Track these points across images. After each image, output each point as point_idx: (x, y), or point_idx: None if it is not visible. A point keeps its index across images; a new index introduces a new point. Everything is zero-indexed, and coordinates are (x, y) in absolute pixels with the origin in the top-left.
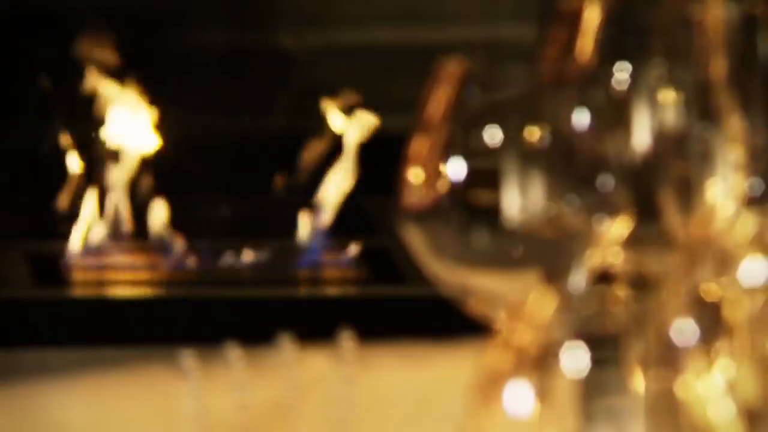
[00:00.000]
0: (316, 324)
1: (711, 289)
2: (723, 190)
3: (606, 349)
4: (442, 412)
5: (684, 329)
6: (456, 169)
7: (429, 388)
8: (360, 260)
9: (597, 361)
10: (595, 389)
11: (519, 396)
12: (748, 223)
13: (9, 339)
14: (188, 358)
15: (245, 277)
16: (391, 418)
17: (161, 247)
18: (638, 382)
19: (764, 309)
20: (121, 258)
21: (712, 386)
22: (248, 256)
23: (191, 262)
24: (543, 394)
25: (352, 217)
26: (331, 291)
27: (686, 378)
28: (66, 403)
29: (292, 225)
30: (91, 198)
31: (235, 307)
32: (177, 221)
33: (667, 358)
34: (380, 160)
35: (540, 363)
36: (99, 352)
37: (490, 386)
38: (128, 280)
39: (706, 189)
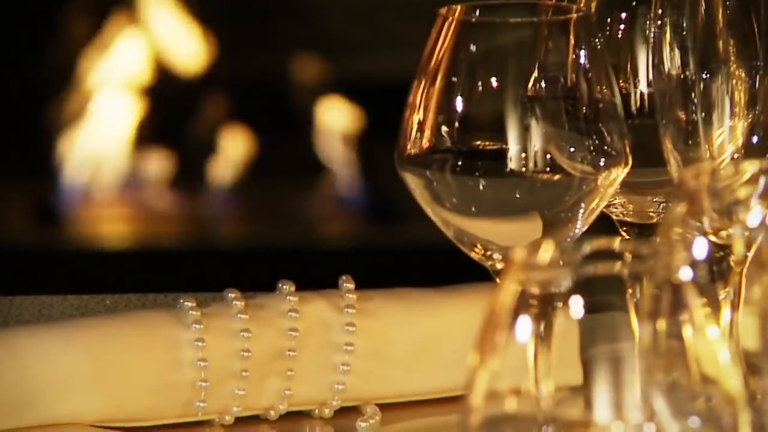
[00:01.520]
0: (317, 271)
1: (712, 235)
2: (724, 137)
3: (606, 295)
4: (443, 358)
5: (685, 275)
6: (456, 115)
7: (430, 334)
8: (362, 206)
9: (598, 307)
10: (596, 335)
11: (520, 342)
12: (748, 170)
13: (9, 286)
14: (188, 305)
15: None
16: (393, 365)
17: (163, 193)
18: (639, 328)
19: (764, 255)
20: (122, 204)
21: (713, 333)
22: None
23: (193, 207)
24: (544, 340)
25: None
26: (334, 237)
27: (687, 324)
28: (67, 350)
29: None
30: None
31: (236, 253)
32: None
33: (668, 305)
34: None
35: (541, 309)
36: (99, 300)
37: (491, 332)
38: (129, 227)
39: (708, 135)
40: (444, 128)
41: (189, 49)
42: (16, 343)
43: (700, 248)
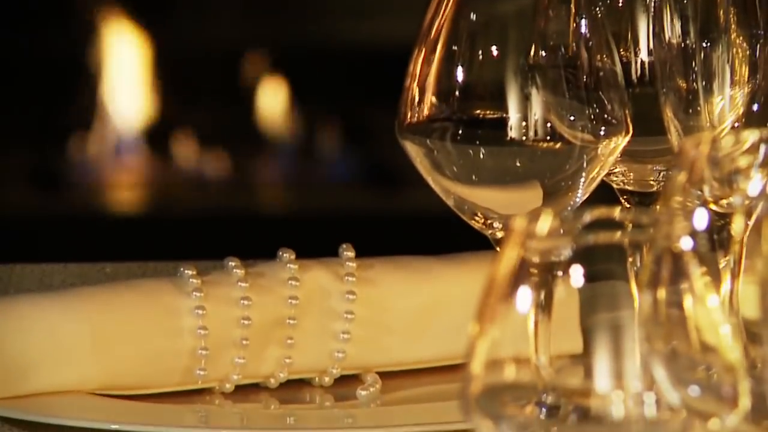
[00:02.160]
0: (317, 238)
1: (713, 204)
2: (724, 105)
3: (607, 264)
4: (443, 326)
5: (685, 245)
6: (457, 84)
7: (430, 302)
8: (363, 174)
9: (598, 275)
10: (596, 303)
11: (520, 311)
12: (749, 139)
13: (9, 253)
14: (189, 273)
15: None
16: (393, 333)
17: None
18: (639, 297)
19: (764, 224)
20: (122, 170)
21: (713, 302)
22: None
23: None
24: (544, 308)
25: (357, 129)
26: (332, 205)
27: (687, 293)
28: (67, 319)
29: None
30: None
31: (237, 221)
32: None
33: (669, 273)
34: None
35: (541, 278)
36: (100, 268)
37: (491, 301)
38: (129, 194)
39: (708, 104)
40: (444, 97)
41: None
42: (17, 312)
43: (701, 218)
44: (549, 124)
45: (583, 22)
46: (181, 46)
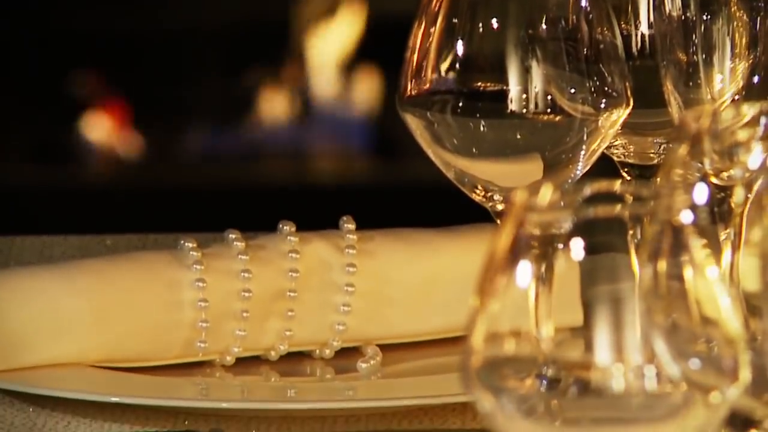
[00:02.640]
0: (317, 210)
1: (713, 176)
2: (725, 78)
3: (607, 236)
4: (444, 299)
5: (686, 218)
6: (457, 57)
7: (431, 275)
8: (362, 143)
9: (598, 248)
10: (597, 275)
11: (521, 284)
12: (749, 112)
13: (10, 225)
14: (189, 246)
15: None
16: (393, 306)
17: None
18: (639, 269)
19: (764, 196)
20: (124, 143)
21: (713, 274)
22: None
23: (194, 146)
24: (544, 281)
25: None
26: (335, 177)
27: (688, 266)
28: (67, 291)
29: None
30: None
31: (237, 193)
32: (179, 105)
33: (669, 246)
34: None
35: (541, 251)
36: (100, 240)
37: (491, 274)
38: (130, 167)
39: (708, 77)
40: (445, 70)
41: None
42: (17, 284)
43: (701, 191)
44: (549, 97)
45: None
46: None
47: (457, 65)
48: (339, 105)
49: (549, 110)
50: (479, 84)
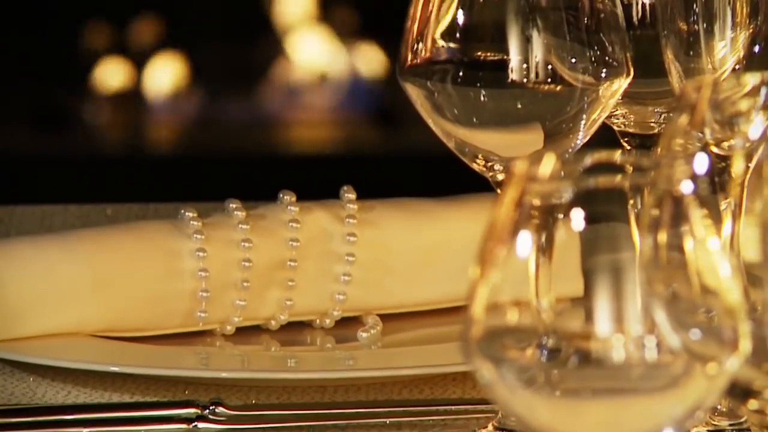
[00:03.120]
0: (318, 180)
1: (714, 146)
2: (725, 47)
3: (608, 206)
4: (444, 269)
5: (686, 188)
6: (457, 26)
7: (431, 245)
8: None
9: (599, 218)
10: (597, 245)
11: (521, 254)
12: (749, 82)
13: (10, 195)
14: (189, 216)
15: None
16: (394, 275)
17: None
18: (640, 240)
19: (764, 166)
20: (125, 111)
21: (713, 244)
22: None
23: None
24: (545, 251)
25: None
26: (335, 146)
27: (688, 236)
28: (68, 261)
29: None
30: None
31: (237, 161)
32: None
33: (669, 217)
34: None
35: (542, 221)
36: (101, 209)
37: (492, 244)
38: (131, 135)
39: (709, 46)
40: (445, 39)
41: None
42: (17, 254)
43: (701, 161)
44: (550, 67)
45: None
46: None
47: (458, 35)
48: (340, 73)
49: (549, 80)
50: (480, 53)
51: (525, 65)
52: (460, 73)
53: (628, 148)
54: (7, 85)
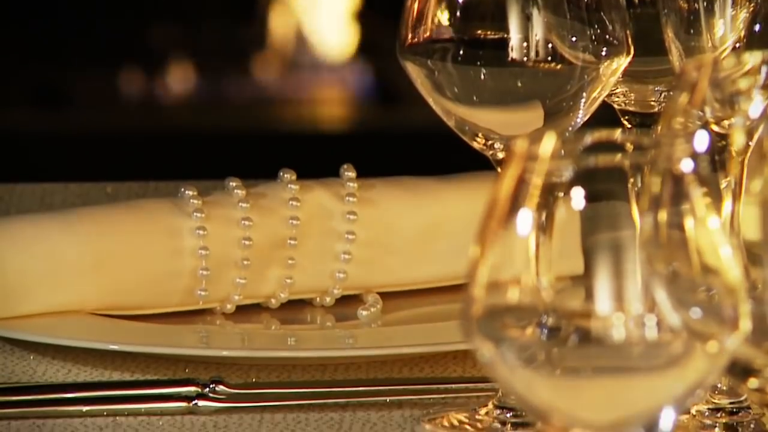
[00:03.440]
0: (318, 158)
1: (714, 125)
2: (726, 26)
3: (608, 184)
4: (444, 247)
5: (686, 167)
6: (458, 4)
7: (432, 223)
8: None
9: (599, 196)
10: (597, 224)
11: (521, 232)
12: (750, 61)
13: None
14: (190, 194)
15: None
16: (394, 254)
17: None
18: (640, 218)
19: (765, 144)
20: (126, 86)
21: (714, 223)
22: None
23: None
24: (545, 230)
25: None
26: (335, 123)
27: (688, 215)
28: (68, 239)
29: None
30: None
31: (237, 138)
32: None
33: (669, 195)
34: None
35: (542, 199)
36: (101, 187)
37: (492, 223)
38: (132, 112)
39: (709, 24)
40: (445, 18)
41: None
42: (18, 232)
43: (701, 140)
44: (550, 45)
45: None
46: None
47: (458, 13)
48: (341, 51)
49: (550, 58)
50: (480, 32)
51: (525, 44)
52: (461, 52)
53: (629, 126)
54: (6, 63)
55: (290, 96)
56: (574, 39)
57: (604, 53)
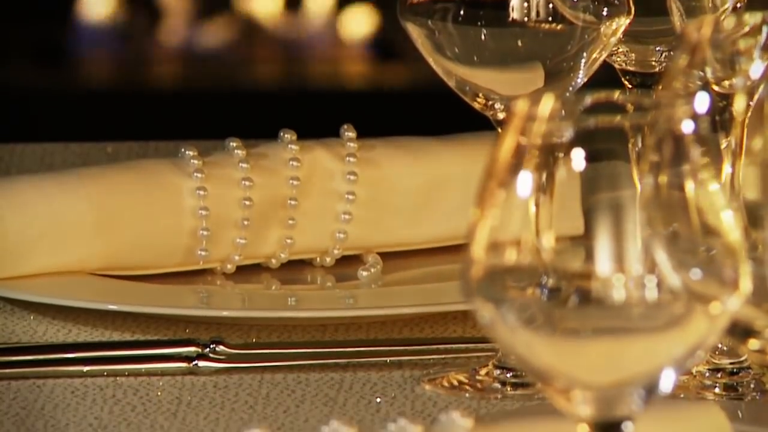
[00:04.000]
0: (318, 118)
1: (715, 85)
2: None
3: (608, 145)
4: (444, 207)
5: (687, 128)
6: None
7: (432, 183)
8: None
9: (599, 157)
10: (598, 183)
11: (521, 193)
12: (750, 21)
13: (9, 132)
14: (190, 154)
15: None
16: (394, 214)
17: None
18: (640, 179)
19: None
20: (126, 46)
21: (714, 184)
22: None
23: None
24: (545, 190)
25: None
26: (335, 83)
27: (688, 175)
28: (68, 199)
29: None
30: None
31: (239, 99)
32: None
33: (670, 156)
34: None
35: (542, 160)
36: (101, 147)
37: (492, 183)
38: (132, 70)
39: None
40: None
41: None
42: (18, 192)
43: (702, 101)
44: (551, 5)
45: None
46: None
47: None
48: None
49: (550, 18)
50: None
51: (526, 4)
52: (461, 12)
53: (629, 86)
54: (6, 21)
55: (289, 54)
56: None
57: (604, 13)
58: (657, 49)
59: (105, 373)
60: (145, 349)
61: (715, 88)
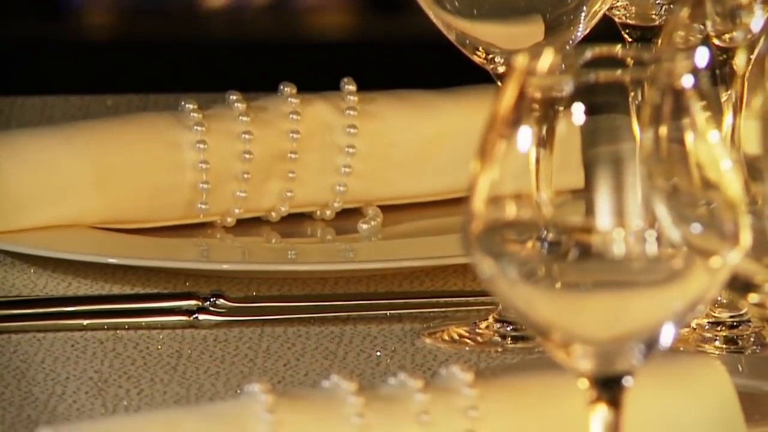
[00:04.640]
0: (318, 70)
1: (715, 38)
2: None
3: (610, 96)
4: (445, 160)
5: (687, 82)
6: None
7: (432, 136)
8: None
9: (599, 111)
10: (598, 136)
11: (522, 146)
12: None
13: (8, 85)
14: (190, 107)
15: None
16: (394, 167)
17: None
18: (640, 133)
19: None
20: None
21: (714, 137)
22: None
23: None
24: (546, 144)
25: None
26: (334, 34)
27: (688, 129)
28: (68, 153)
29: None
30: None
31: (237, 52)
32: None
33: (670, 110)
34: None
35: (542, 113)
36: (101, 100)
37: (492, 137)
38: (134, 21)
39: None
40: None
41: None
42: (18, 146)
43: (702, 55)
44: None
45: None
46: None
47: None
48: None
49: None
50: None
51: None
52: None
53: (629, 40)
54: None
55: (290, 6)
56: None
57: None
58: (657, 2)
59: (105, 327)
60: (145, 303)
61: (716, 41)
